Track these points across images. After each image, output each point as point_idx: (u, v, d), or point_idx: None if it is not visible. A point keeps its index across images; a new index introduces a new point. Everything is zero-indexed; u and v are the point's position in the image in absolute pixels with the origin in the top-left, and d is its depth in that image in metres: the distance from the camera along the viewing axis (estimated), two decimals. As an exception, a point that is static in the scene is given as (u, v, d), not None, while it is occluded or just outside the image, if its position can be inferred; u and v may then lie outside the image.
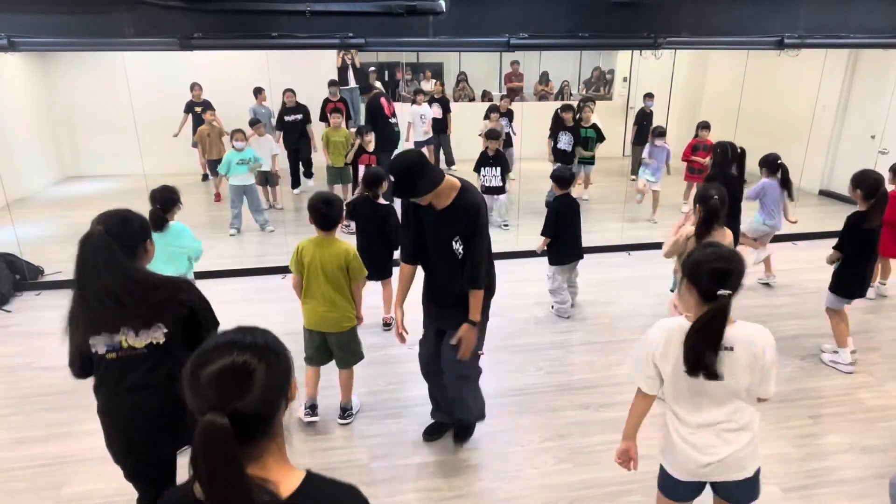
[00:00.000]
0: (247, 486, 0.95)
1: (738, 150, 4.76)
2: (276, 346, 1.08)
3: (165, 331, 1.96)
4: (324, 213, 3.12)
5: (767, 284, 5.34)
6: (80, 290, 1.89)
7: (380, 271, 4.41)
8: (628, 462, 2.12)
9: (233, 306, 4.72)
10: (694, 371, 1.83)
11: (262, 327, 1.12)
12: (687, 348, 1.84)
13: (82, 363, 2.03)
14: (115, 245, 1.89)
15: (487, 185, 6.74)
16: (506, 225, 6.91)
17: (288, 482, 1.03)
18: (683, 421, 1.95)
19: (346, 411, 3.46)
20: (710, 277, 1.82)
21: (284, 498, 1.01)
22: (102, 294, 1.85)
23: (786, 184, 4.97)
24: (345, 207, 3.91)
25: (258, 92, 8.21)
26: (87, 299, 1.88)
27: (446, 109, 9.17)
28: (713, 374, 1.82)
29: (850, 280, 3.92)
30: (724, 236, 3.36)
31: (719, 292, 1.79)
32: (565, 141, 7.51)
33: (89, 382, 2.11)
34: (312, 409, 3.44)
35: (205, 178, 8.99)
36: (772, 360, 1.88)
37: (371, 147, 6.65)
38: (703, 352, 1.81)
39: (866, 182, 3.76)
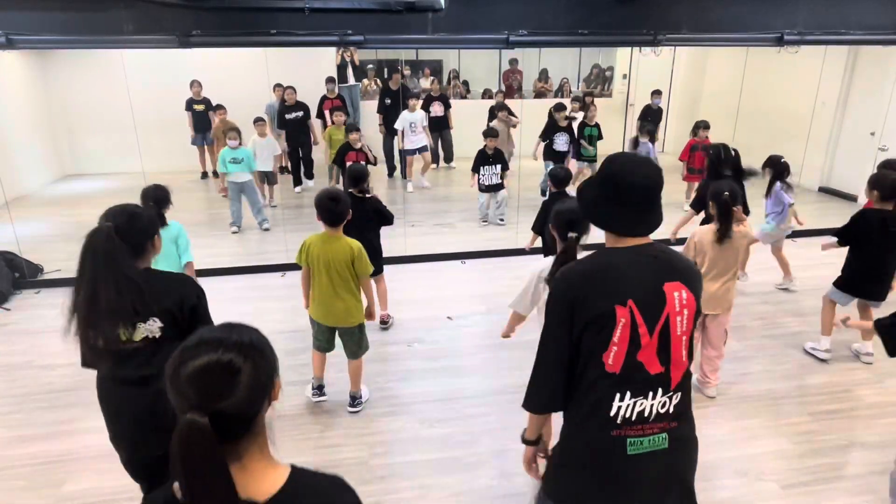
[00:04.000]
0: (230, 489, 0.92)
1: (732, 153, 4.61)
2: (262, 345, 1.05)
3: (161, 325, 1.98)
4: (329, 209, 3.20)
5: (787, 289, 5.17)
6: (81, 282, 1.87)
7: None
8: None
9: (231, 304, 4.72)
10: None
11: (248, 324, 1.08)
12: None
13: (89, 352, 2.03)
14: (121, 243, 1.88)
15: (487, 183, 6.77)
16: (501, 220, 6.94)
17: (271, 480, 1.01)
18: None
19: (355, 399, 3.51)
20: None
21: (268, 497, 0.98)
22: (101, 290, 1.85)
23: (788, 187, 4.80)
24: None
25: (276, 87, 8.13)
26: (88, 292, 1.87)
27: (447, 106, 9.21)
28: None
29: (851, 276, 3.92)
30: (746, 233, 3.46)
31: None
32: (562, 141, 7.46)
33: (90, 380, 2.12)
34: (320, 389, 3.51)
35: (203, 176, 9.00)
36: None
37: (358, 145, 6.62)
38: None
39: (882, 184, 3.71)
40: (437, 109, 9.04)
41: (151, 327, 1.98)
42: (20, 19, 4.50)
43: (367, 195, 4.32)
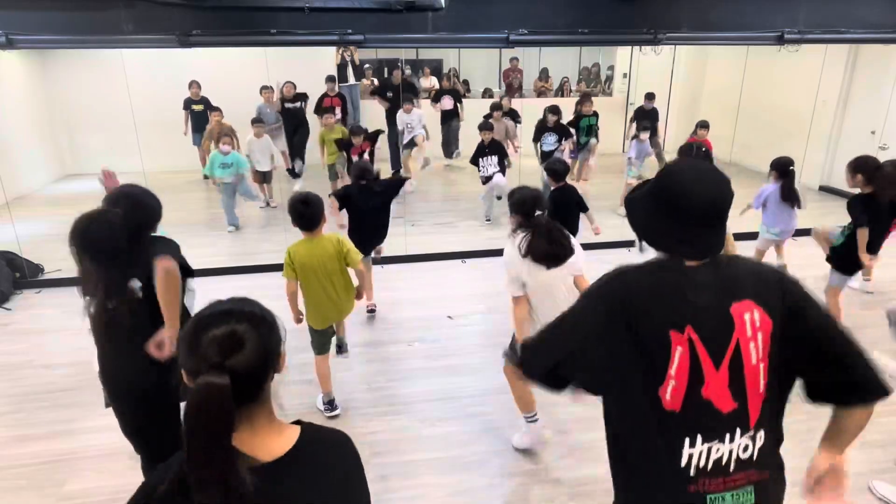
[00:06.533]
0: (230, 452, 0.96)
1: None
2: (269, 315, 1.15)
3: (140, 285, 2.18)
4: (302, 213, 3.16)
5: None
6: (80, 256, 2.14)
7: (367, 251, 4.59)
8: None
9: (233, 304, 4.72)
10: None
11: (254, 299, 1.17)
12: None
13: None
14: (123, 227, 2.14)
15: (486, 174, 6.81)
16: (487, 220, 7.05)
17: (285, 437, 1.10)
18: None
19: (340, 348, 3.81)
20: None
21: (284, 452, 1.07)
22: (90, 259, 2.12)
23: (788, 192, 4.62)
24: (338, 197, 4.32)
25: (263, 90, 8.07)
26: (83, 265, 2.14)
27: (457, 100, 9.34)
28: None
29: (850, 255, 3.90)
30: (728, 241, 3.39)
31: None
32: (550, 142, 7.44)
33: (90, 379, 2.15)
34: (331, 404, 3.50)
35: (206, 175, 8.98)
36: None
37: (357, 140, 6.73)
38: None
39: (865, 166, 3.86)
40: (446, 103, 9.26)
41: (133, 286, 2.18)
42: (20, 19, 4.50)
43: (376, 189, 4.45)
